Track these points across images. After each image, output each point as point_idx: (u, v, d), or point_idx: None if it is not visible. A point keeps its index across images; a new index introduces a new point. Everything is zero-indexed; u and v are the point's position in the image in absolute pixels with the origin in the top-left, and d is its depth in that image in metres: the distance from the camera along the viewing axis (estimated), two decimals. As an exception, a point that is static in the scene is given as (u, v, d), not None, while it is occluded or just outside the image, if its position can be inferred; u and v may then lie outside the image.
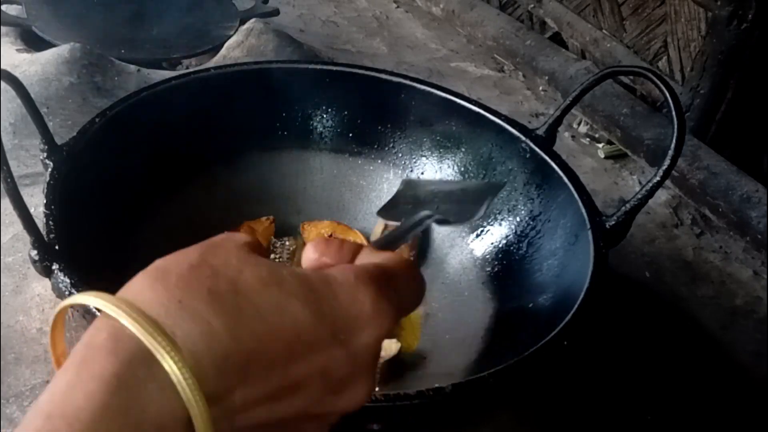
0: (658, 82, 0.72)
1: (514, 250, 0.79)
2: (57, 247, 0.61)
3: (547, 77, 1.25)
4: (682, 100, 1.00)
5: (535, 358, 0.58)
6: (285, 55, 1.17)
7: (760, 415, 0.80)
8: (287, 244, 0.83)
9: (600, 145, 1.18)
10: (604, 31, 1.21)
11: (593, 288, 0.65)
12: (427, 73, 1.31)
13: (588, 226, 0.71)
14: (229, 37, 1.20)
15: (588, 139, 1.20)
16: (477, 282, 0.80)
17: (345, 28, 1.45)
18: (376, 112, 0.89)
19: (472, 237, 0.84)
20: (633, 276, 0.95)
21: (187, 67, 1.19)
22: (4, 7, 1.19)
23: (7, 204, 0.66)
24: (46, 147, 0.69)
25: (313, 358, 0.29)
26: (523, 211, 0.81)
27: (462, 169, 0.87)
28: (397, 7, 1.54)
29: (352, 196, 0.89)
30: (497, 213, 0.83)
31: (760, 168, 1.08)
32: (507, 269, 0.79)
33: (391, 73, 0.89)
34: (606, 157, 1.17)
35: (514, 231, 0.81)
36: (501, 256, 0.81)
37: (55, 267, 0.60)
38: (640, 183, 1.10)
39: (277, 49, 1.17)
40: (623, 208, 0.72)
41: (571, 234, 0.73)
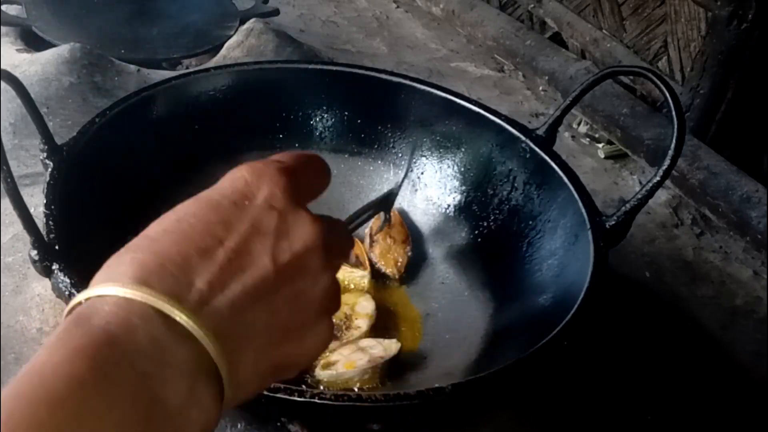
0: (658, 82, 0.72)
1: (514, 250, 0.79)
2: (57, 247, 0.61)
3: (547, 77, 1.25)
4: (682, 100, 1.00)
5: (535, 358, 0.58)
6: (285, 55, 1.17)
7: (760, 415, 0.80)
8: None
9: (600, 145, 1.18)
10: (604, 31, 1.21)
11: (593, 288, 0.65)
12: (427, 73, 1.31)
13: (588, 226, 0.71)
14: (229, 37, 1.20)
15: (588, 139, 1.20)
16: (477, 282, 0.80)
17: (345, 28, 1.45)
18: (376, 112, 0.89)
19: (473, 237, 0.84)
20: (633, 276, 0.95)
21: (187, 67, 1.19)
22: (4, 7, 1.19)
23: (7, 204, 0.66)
24: (46, 147, 0.69)
25: (240, 224, 0.35)
26: (523, 211, 0.81)
27: (462, 169, 0.87)
28: (397, 7, 1.54)
29: (352, 196, 0.89)
30: (497, 213, 0.83)
31: (760, 168, 1.08)
32: (507, 269, 0.79)
33: (391, 73, 0.89)
34: (606, 157, 1.17)
35: (514, 231, 0.81)
36: (501, 255, 0.81)
37: (55, 267, 0.60)
38: (640, 183, 1.10)
39: (277, 49, 1.17)
40: (623, 208, 0.72)
41: (571, 234, 0.73)
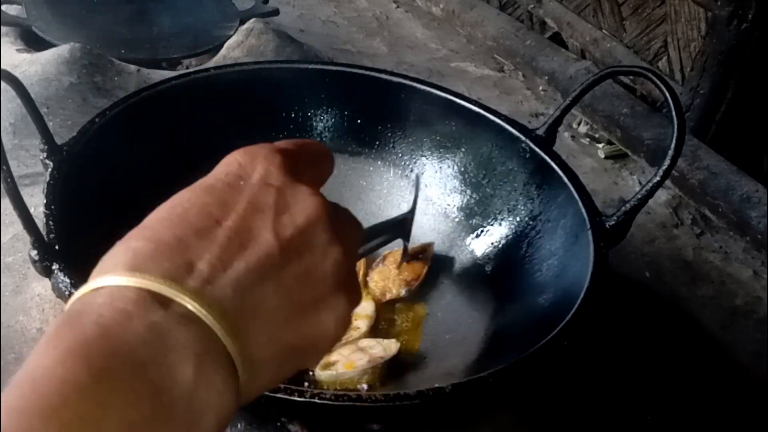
0: (658, 82, 0.72)
1: (514, 250, 0.79)
2: (57, 247, 0.61)
3: (547, 77, 1.25)
4: (682, 100, 1.00)
5: (535, 358, 0.58)
6: (285, 55, 1.17)
7: (760, 415, 0.80)
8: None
9: (600, 145, 1.18)
10: (604, 31, 1.21)
11: (593, 288, 0.65)
12: (427, 73, 1.31)
13: (588, 226, 0.71)
14: (229, 37, 1.20)
15: (588, 139, 1.20)
16: (477, 282, 0.80)
17: (345, 28, 1.45)
18: (376, 112, 0.89)
19: (472, 237, 0.84)
20: (633, 276, 0.95)
21: (187, 67, 1.19)
22: (4, 7, 1.19)
23: (7, 204, 0.66)
24: (46, 147, 0.69)
25: (237, 204, 0.32)
26: (523, 211, 0.81)
27: (462, 169, 0.87)
28: (397, 7, 1.54)
29: (351, 196, 0.89)
30: (497, 213, 0.83)
31: (760, 168, 1.08)
32: (507, 269, 0.79)
33: (391, 73, 0.89)
34: (606, 157, 1.17)
35: (514, 231, 0.81)
36: (501, 256, 0.81)
37: (55, 267, 0.60)
38: (640, 183, 1.10)
39: (277, 49, 1.17)
40: (623, 208, 0.72)
41: (571, 234, 0.73)
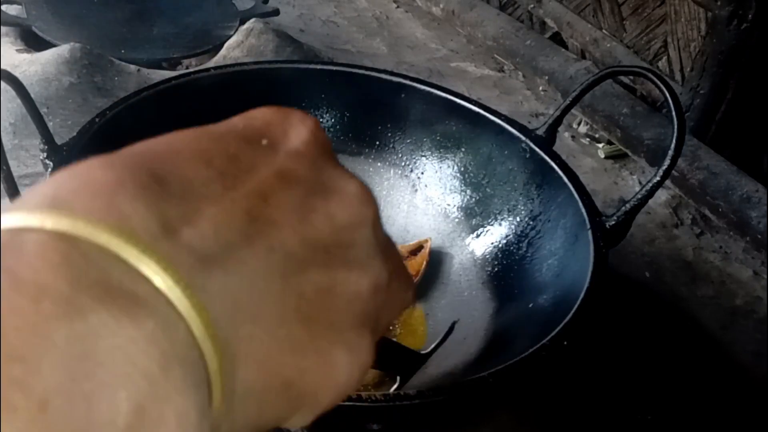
0: (658, 82, 0.72)
1: (514, 250, 0.79)
2: (57, 247, 0.61)
3: (547, 77, 1.25)
4: (682, 100, 1.00)
5: (535, 358, 0.58)
6: (285, 55, 1.17)
7: (760, 415, 0.80)
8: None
9: (600, 145, 1.18)
10: (604, 31, 1.21)
11: (593, 288, 0.65)
12: (427, 73, 1.31)
13: (588, 226, 0.71)
14: (229, 37, 1.20)
15: (588, 139, 1.20)
16: (477, 282, 0.80)
17: (345, 28, 1.45)
18: (376, 112, 0.89)
19: (472, 237, 0.84)
20: (633, 276, 0.95)
21: (187, 67, 1.19)
22: (4, 7, 1.19)
23: (7, 204, 0.66)
24: (46, 147, 0.69)
25: (255, 165, 0.23)
26: (523, 211, 0.81)
27: (462, 169, 0.87)
28: (397, 7, 1.54)
29: (352, 196, 0.89)
30: (497, 213, 0.83)
31: (760, 168, 1.08)
32: (507, 269, 0.79)
33: (391, 73, 0.89)
34: (606, 157, 1.17)
35: (513, 231, 0.81)
36: (501, 256, 0.81)
37: (55, 267, 0.60)
38: (640, 183, 1.10)
39: (277, 49, 1.17)
40: (623, 208, 0.72)
41: (571, 234, 0.73)
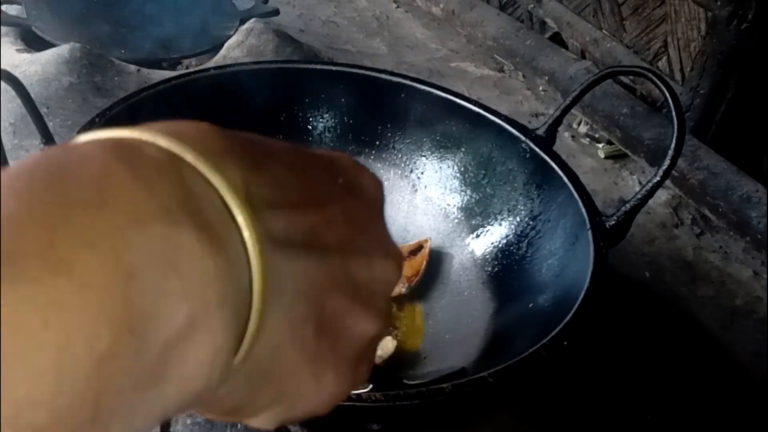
0: (658, 82, 0.72)
1: (514, 250, 0.79)
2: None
3: (547, 77, 1.25)
4: (682, 100, 1.00)
5: (535, 358, 0.58)
6: (285, 55, 1.17)
7: (760, 415, 0.80)
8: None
9: (600, 145, 1.18)
10: (604, 31, 1.21)
11: (593, 288, 0.65)
12: (427, 73, 1.31)
13: (588, 226, 0.71)
14: (229, 37, 1.20)
15: (588, 139, 1.20)
16: (477, 282, 0.80)
17: (345, 28, 1.45)
18: (376, 112, 0.89)
19: (472, 237, 0.84)
20: (633, 276, 0.95)
21: (187, 67, 1.20)
22: (4, 7, 1.19)
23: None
24: (46, 147, 0.69)
25: (329, 191, 0.26)
26: (523, 211, 0.81)
27: (462, 169, 0.87)
28: (397, 7, 1.54)
29: (351, 196, 0.89)
30: (497, 213, 0.83)
31: (760, 168, 1.08)
32: (507, 269, 0.79)
33: (391, 73, 0.89)
34: (606, 157, 1.17)
35: (514, 231, 0.81)
36: (501, 256, 0.81)
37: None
38: (640, 183, 1.10)
39: (277, 49, 1.17)
40: (623, 208, 0.72)
41: (571, 234, 0.73)
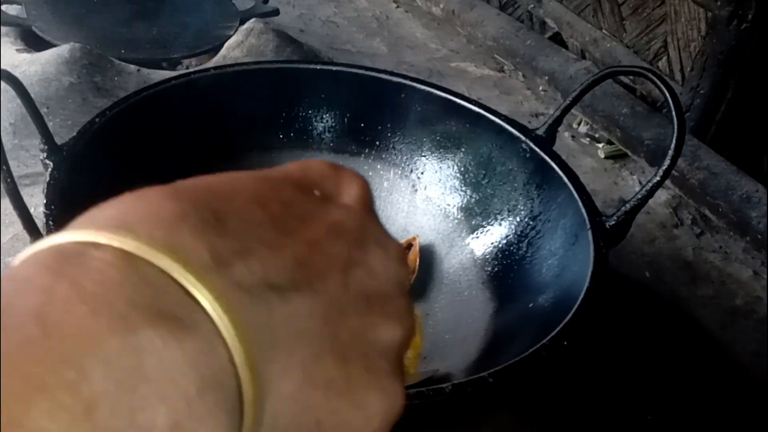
0: (658, 82, 0.72)
1: (514, 250, 0.79)
2: (57, 247, 0.61)
3: (547, 77, 1.25)
4: (682, 100, 1.00)
5: (535, 358, 0.58)
6: (285, 55, 1.17)
7: (760, 415, 0.80)
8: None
9: (600, 145, 1.18)
10: (604, 31, 1.21)
11: (593, 288, 0.65)
12: (427, 73, 1.31)
13: (588, 226, 0.71)
14: (229, 37, 1.20)
15: (588, 139, 1.20)
16: (477, 282, 0.80)
17: (345, 28, 1.45)
18: (376, 112, 0.89)
19: (472, 237, 0.84)
20: (633, 276, 0.95)
21: (187, 67, 1.20)
22: (4, 7, 1.19)
23: (7, 204, 0.66)
24: (46, 147, 0.69)
25: (307, 213, 0.25)
26: (522, 211, 0.81)
27: (462, 169, 0.87)
28: (397, 7, 1.54)
29: (352, 196, 0.89)
30: (497, 213, 0.83)
31: (760, 168, 1.08)
32: (507, 269, 0.79)
33: (391, 73, 0.89)
34: (606, 157, 1.17)
35: (513, 231, 0.81)
36: (501, 256, 0.81)
37: (55, 267, 0.60)
38: (640, 183, 1.10)
39: (277, 49, 1.17)
40: (623, 208, 0.72)
41: (571, 234, 0.73)
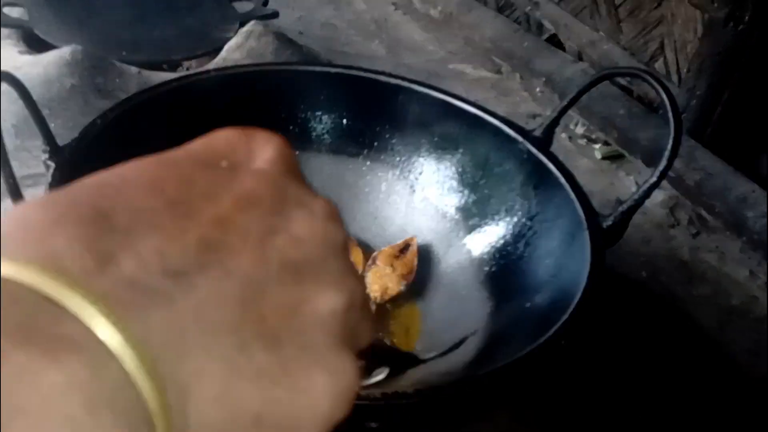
0: (655, 84, 0.73)
1: (512, 250, 0.80)
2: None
3: (544, 79, 1.25)
4: (679, 102, 1.00)
5: (532, 358, 0.59)
6: (284, 57, 1.17)
7: (758, 414, 0.80)
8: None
9: (597, 146, 1.19)
10: (601, 33, 1.22)
11: (590, 288, 0.65)
12: (425, 74, 1.32)
13: (585, 227, 0.71)
14: (229, 39, 1.20)
15: (585, 140, 1.21)
16: (474, 281, 0.81)
17: (344, 30, 1.46)
18: (375, 113, 0.89)
19: (470, 237, 0.85)
20: (630, 276, 0.96)
21: (187, 69, 1.20)
22: (5, 9, 1.20)
23: (8, 205, 0.67)
24: (48, 148, 0.70)
25: (212, 188, 0.23)
26: (520, 212, 0.81)
27: (459, 170, 0.87)
28: (396, 9, 1.55)
29: (350, 197, 0.89)
30: (495, 213, 0.84)
31: (757, 169, 1.08)
32: (504, 269, 0.80)
33: (390, 75, 0.90)
34: (603, 158, 1.17)
35: (511, 231, 0.81)
36: (498, 256, 0.81)
37: (57, 267, 0.60)
38: (637, 184, 1.11)
39: (276, 52, 1.18)
40: (620, 209, 0.73)
41: (568, 234, 0.74)
